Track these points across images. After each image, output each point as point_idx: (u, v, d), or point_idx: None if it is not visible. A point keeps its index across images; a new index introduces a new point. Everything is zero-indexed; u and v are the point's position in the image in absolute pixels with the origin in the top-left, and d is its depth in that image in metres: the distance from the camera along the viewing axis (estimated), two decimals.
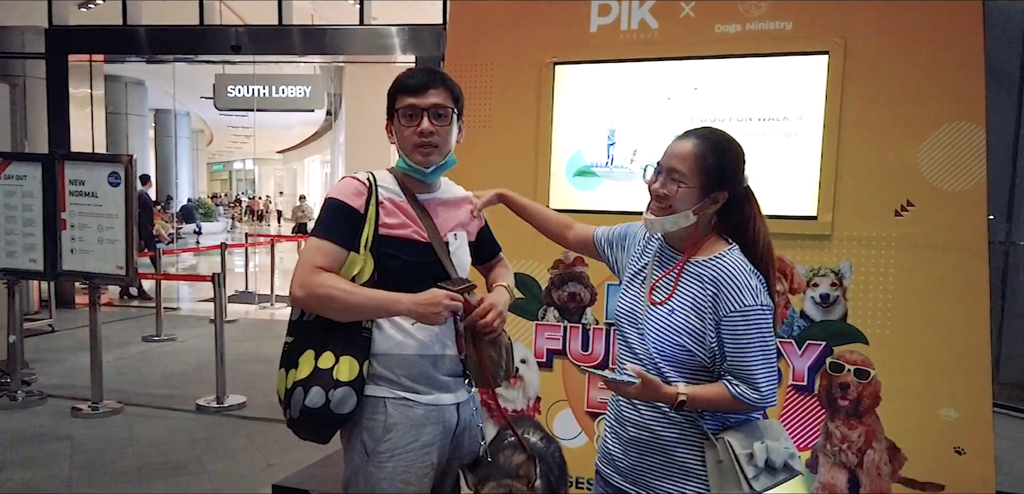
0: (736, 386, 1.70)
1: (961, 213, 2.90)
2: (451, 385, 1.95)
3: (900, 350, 2.97)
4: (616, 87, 3.37)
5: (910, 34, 2.97)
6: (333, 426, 1.86)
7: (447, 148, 1.95)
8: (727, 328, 1.71)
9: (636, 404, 1.80)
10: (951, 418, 2.92)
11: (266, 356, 6.80)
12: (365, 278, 1.86)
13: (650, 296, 1.80)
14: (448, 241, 1.97)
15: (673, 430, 1.78)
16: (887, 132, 2.99)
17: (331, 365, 1.82)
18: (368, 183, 1.93)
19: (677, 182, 1.75)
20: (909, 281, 2.96)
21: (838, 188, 3.03)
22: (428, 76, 1.93)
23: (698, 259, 1.79)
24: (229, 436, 4.59)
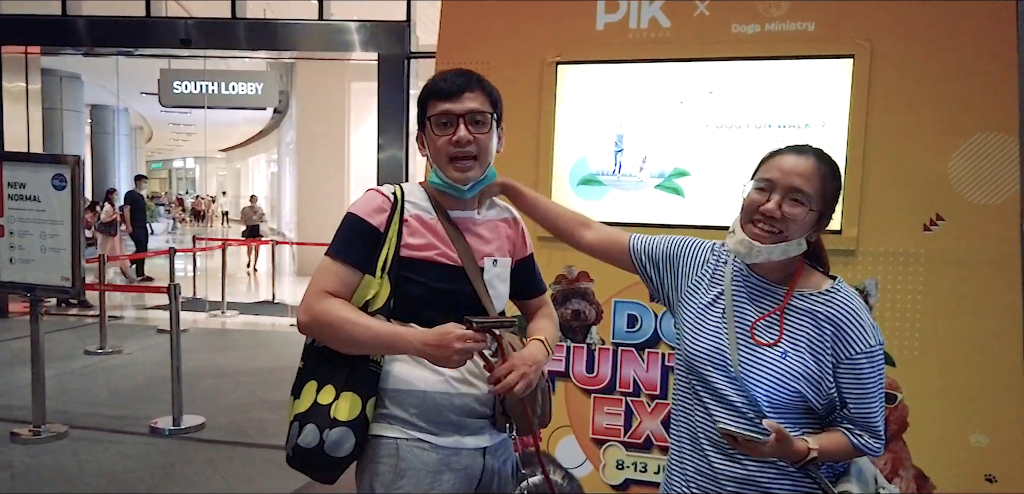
0: (859, 437, 1.53)
1: (993, 228, 2.77)
2: (476, 427, 1.71)
3: (928, 373, 2.81)
4: (624, 89, 3.15)
5: (940, 38, 2.83)
6: (333, 468, 1.64)
7: (487, 160, 1.71)
8: (850, 372, 1.52)
9: (736, 455, 1.55)
10: (982, 444, 2.77)
11: (222, 370, 6.40)
12: (379, 304, 1.66)
13: (753, 336, 1.56)
14: (484, 266, 1.73)
15: (785, 481, 1.55)
16: (915, 141, 2.84)
17: (330, 401, 1.63)
18: (393, 198, 1.72)
19: (799, 204, 1.52)
20: (938, 300, 2.81)
21: (863, 200, 2.87)
22: (463, 78, 1.71)
23: (803, 292, 1.57)
24: (189, 462, 4.21)
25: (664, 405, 3.05)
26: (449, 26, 3.42)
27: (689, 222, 2.95)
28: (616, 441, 3.10)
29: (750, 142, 2.99)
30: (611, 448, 3.10)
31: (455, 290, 1.68)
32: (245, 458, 4.30)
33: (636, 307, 3.08)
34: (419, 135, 1.77)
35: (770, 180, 1.55)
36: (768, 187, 1.54)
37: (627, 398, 3.08)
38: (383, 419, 1.67)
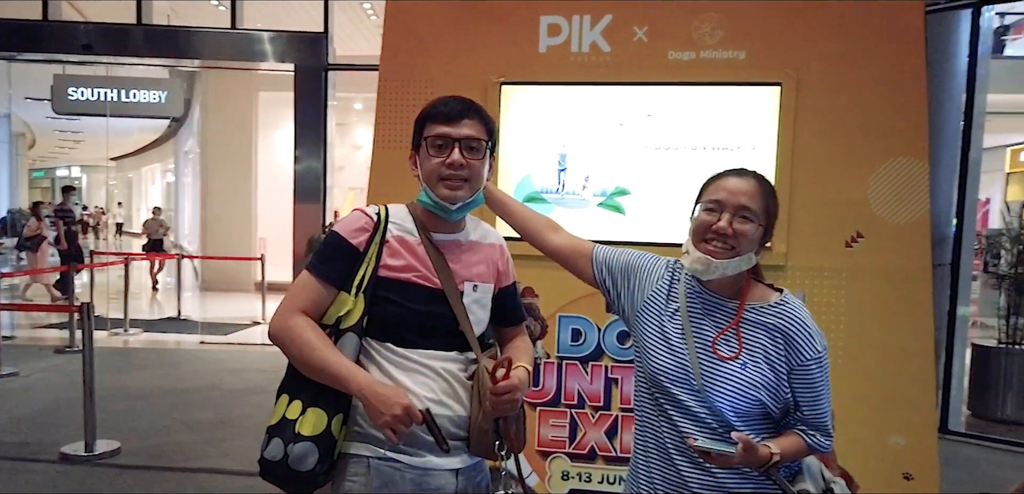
0: (812, 436, 1.65)
1: (907, 245, 3.01)
2: (450, 448, 1.69)
3: (852, 379, 3.02)
4: (567, 110, 3.24)
5: (858, 69, 3.05)
6: (299, 481, 1.65)
7: (477, 185, 1.75)
8: (802, 378, 1.64)
9: (705, 464, 1.64)
10: (900, 445, 3.00)
11: (132, 392, 6.10)
12: (353, 321, 1.67)
13: (715, 351, 1.65)
14: (463, 291, 1.75)
15: (749, 485, 1.65)
16: (838, 165, 3.05)
17: (296, 416, 1.64)
18: (376, 218, 1.74)
19: (749, 221, 1.63)
20: (859, 311, 3.03)
21: (792, 219, 3.05)
22: (462, 106, 1.74)
23: (754, 305, 1.68)
24: (107, 490, 4.00)
25: (608, 416, 3.14)
26: (392, 44, 3.43)
27: (630, 238, 3.04)
28: (561, 452, 3.18)
29: (687, 163, 3.13)
30: (557, 459, 3.18)
31: (433, 312, 1.70)
32: (169, 483, 4.12)
33: (580, 321, 3.17)
34: (412, 155, 1.79)
35: (718, 201, 1.65)
36: (717, 208, 1.64)
37: (572, 410, 3.17)
38: (356, 437, 1.68)
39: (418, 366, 1.68)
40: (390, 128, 3.41)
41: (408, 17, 3.44)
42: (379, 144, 3.42)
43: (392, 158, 3.37)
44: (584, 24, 3.26)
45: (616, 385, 3.12)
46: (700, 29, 3.18)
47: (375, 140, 3.43)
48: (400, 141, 3.39)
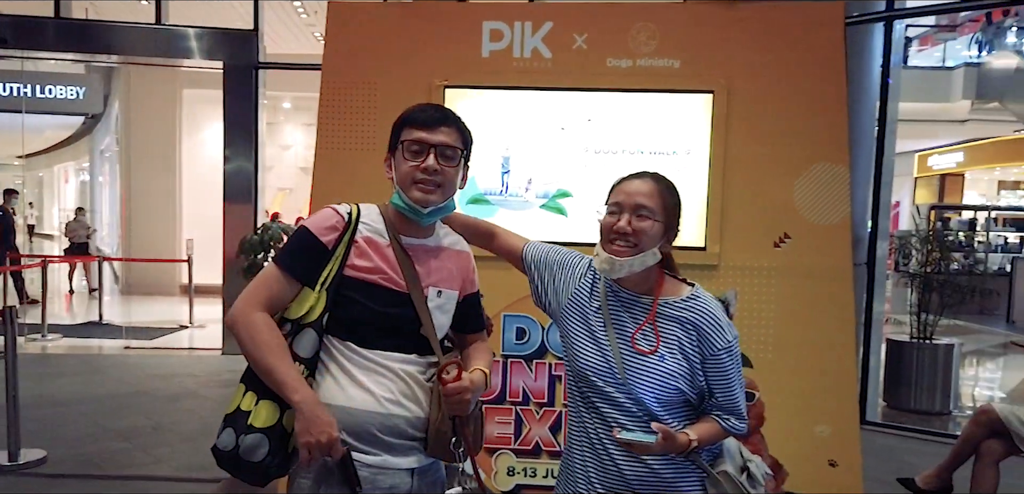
0: (726, 420, 1.77)
1: (830, 245, 3.19)
2: (404, 448, 1.74)
3: (780, 372, 3.19)
4: (510, 114, 3.32)
5: (784, 80, 3.23)
6: (252, 472, 1.67)
7: (450, 191, 1.79)
8: (715, 366, 1.76)
9: (635, 454, 1.75)
10: (825, 434, 3.18)
11: (54, 399, 5.88)
12: (314, 317, 1.70)
13: (635, 346, 1.76)
14: (428, 295, 1.79)
15: (670, 467, 1.77)
16: (766, 169, 3.21)
17: (250, 408, 1.67)
18: (347, 218, 1.76)
19: (646, 219, 1.74)
20: (787, 308, 3.20)
21: (724, 220, 3.20)
22: (440, 113, 1.80)
23: (667, 299, 1.79)
24: None
25: (552, 412, 3.23)
26: (335, 47, 3.43)
27: (572, 239, 3.11)
28: (507, 449, 3.25)
29: (626, 167, 3.18)
30: (502, 456, 3.24)
31: (397, 314, 1.73)
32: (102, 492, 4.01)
33: (524, 320, 3.24)
34: (388, 157, 1.82)
35: (618, 203, 1.77)
36: (618, 210, 1.76)
37: (516, 407, 3.24)
38: None
39: (378, 366, 1.71)
40: (333, 129, 3.41)
41: (351, 18, 3.45)
42: (322, 145, 3.42)
43: (335, 158, 3.38)
44: (526, 30, 3.34)
45: (560, 382, 3.21)
46: (636, 38, 3.30)
47: (318, 141, 3.43)
48: (343, 142, 3.40)
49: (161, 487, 4.11)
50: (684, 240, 3.18)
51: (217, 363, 7.35)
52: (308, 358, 1.69)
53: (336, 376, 1.71)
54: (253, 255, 7.33)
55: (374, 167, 3.19)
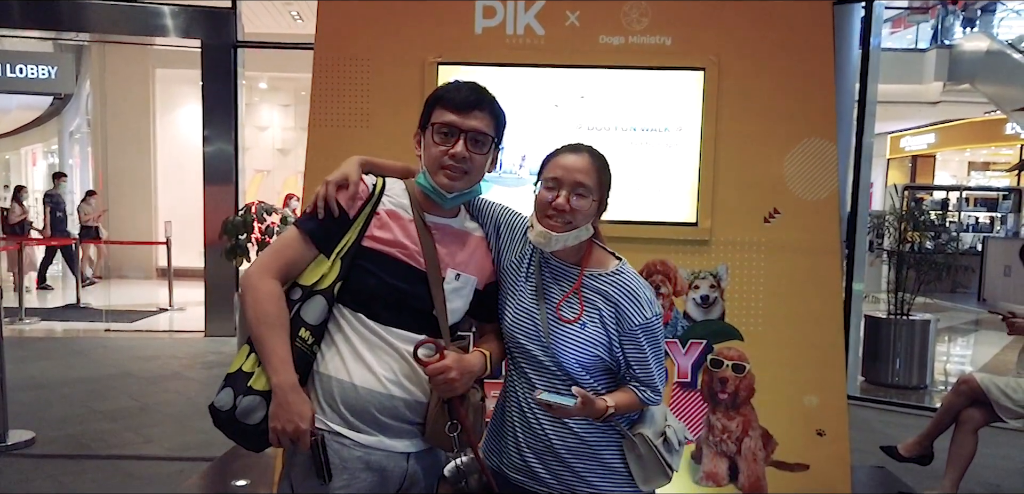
0: (643, 391, 1.82)
1: (819, 219, 3.25)
2: (401, 431, 1.71)
3: (770, 345, 3.25)
4: (503, 91, 3.26)
5: (773, 58, 3.27)
6: (247, 435, 1.67)
7: (477, 178, 1.78)
8: (631, 341, 1.80)
9: (560, 418, 1.80)
10: (814, 404, 3.26)
11: (37, 381, 5.82)
12: (326, 284, 1.68)
13: (559, 314, 1.80)
14: (445, 277, 1.76)
15: (592, 430, 1.82)
16: (756, 146, 3.26)
17: (251, 370, 1.66)
18: (371, 189, 1.75)
19: (583, 197, 1.77)
20: (776, 282, 3.26)
21: (715, 197, 3.25)
22: (475, 96, 1.75)
23: (593, 272, 1.83)
24: (28, 480, 3.83)
25: None
26: (327, 24, 3.41)
27: None
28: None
29: (619, 143, 3.28)
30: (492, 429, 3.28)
31: (410, 292, 1.71)
32: (94, 472, 3.99)
33: None
34: (417, 134, 1.80)
35: (556, 179, 1.78)
36: (555, 185, 1.77)
37: None
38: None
39: (383, 343, 1.69)
40: (326, 106, 3.40)
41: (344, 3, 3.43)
42: (315, 123, 3.40)
43: (329, 136, 3.37)
44: (519, 7, 3.35)
45: None
46: (628, 15, 3.32)
47: (311, 118, 3.42)
48: (336, 119, 3.39)
49: (153, 466, 4.10)
50: (675, 215, 3.28)
51: (200, 345, 7.31)
52: (315, 325, 1.67)
53: (340, 349, 1.69)
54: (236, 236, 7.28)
55: (368, 144, 3.22)
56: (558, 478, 1.81)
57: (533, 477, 1.83)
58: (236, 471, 3.70)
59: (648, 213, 3.28)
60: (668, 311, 3.28)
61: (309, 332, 1.66)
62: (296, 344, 1.66)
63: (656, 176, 3.28)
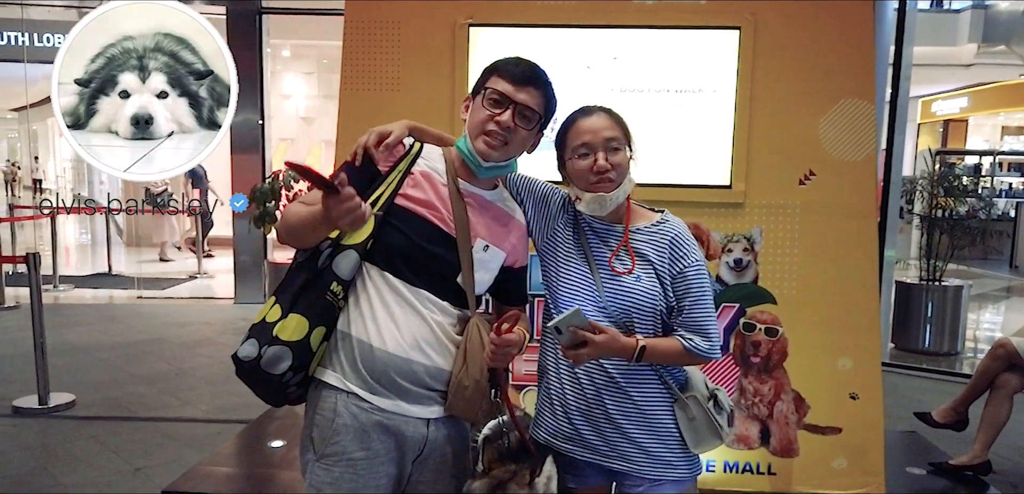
0: (689, 339, 1.79)
1: (855, 182, 3.20)
2: (420, 397, 1.70)
3: (804, 308, 3.23)
4: (535, 53, 3.24)
5: (811, 15, 3.20)
6: (270, 386, 1.66)
7: (516, 152, 1.78)
8: (683, 280, 1.81)
9: (609, 380, 1.81)
10: (847, 367, 3.24)
11: (74, 346, 5.95)
12: (358, 239, 1.67)
13: (612, 268, 1.81)
14: (474, 246, 1.76)
15: (642, 391, 1.83)
16: (793, 106, 3.21)
17: (276, 319, 1.65)
18: (408, 148, 1.77)
19: (618, 150, 1.79)
20: (811, 245, 3.22)
21: (751, 159, 3.21)
22: (531, 72, 1.78)
23: (637, 226, 1.86)
24: (71, 441, 3.93)
25: None
26: None
27: None
28: (533, 385, 3.29)
29: (652, 105, 3.25)
30: (529, 392, 3.30)
31: (438, 255, 1.71)
32: (133, 432, 4.08)
33: None
34: (468, 99, 1.80)
35: (586, 143, 1.79)
36: (588, 151, 1.79)
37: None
38: (331, 365, 1.69)
39: (408, 305, 1.68)
40: (357, 70, 3.39)
41: None
42: (346, 86, 3.41)
43: (360, 100, 3.37)
44: None
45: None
46: None
47: (342, 81, 3.42)
48: (367, 82, 3.39)
49: (190, 428, 4.19)
50: (708, 178, 3.24)
51: (230, 312, 7.41)
52: (346, 280, 1.67)
53: (364, 309, 1.68)
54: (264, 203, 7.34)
55: (399, 107, 3.23)
56: (610, 443, 1.81)
57: (585, 445, 1.83)
58: (272, 433, 3.76)
59: (681, 176, 3.25)
60: None
61: (340, 286, 1.67)
62: (326, 297, 1.66)
63: (689, 138, 3.25)
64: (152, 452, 3.79)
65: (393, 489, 1.72)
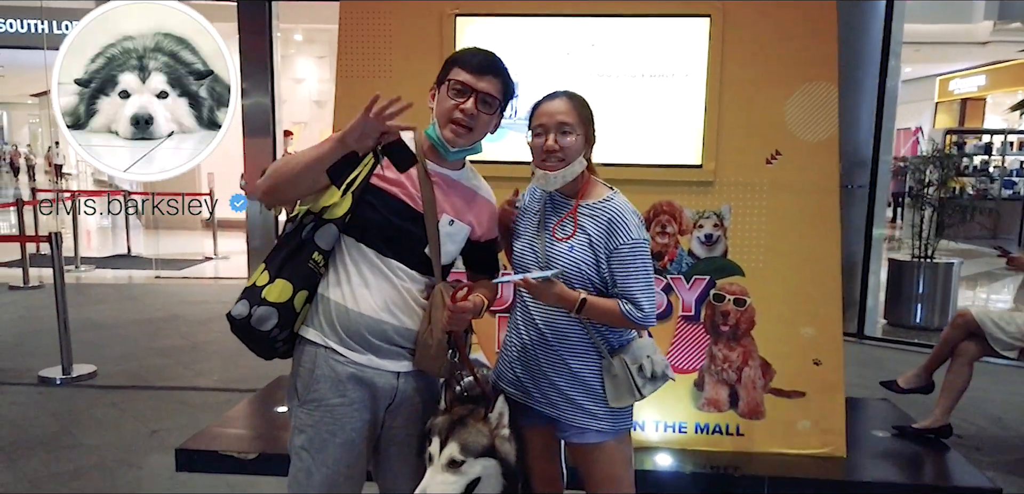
0: (625, 305, 2.00)
1: (818, 161, 3.40)
2: (390, 352, 1.91)
3: (770, 280, 3.44)
4: (517, 41, 3.51)
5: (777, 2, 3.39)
6: (261, 342, 1.88)
7: (478, 136, 1.96)
8: (617, 258, 2.00)
9: (546, 336, 2.03)
10: (810, 335, 3.44)
11: (95, 322, 6.25)
12: (337, 215, 1.88)
13: (554, 235, 2.03)
14: (440, 221, 1.94)
15: (575, 354, 2.05)
16: (759, 89, 3.40)
17: (264, 283, 1.86)
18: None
19: (568, 133, 1.98)
20: (777, 220, 3.43)
21: (720, 139, 3.41)
22: (488, 62, 1.94)
23: (587, 202, 2.05)
24: (94, 406, 4.22)
25: None
26: None
27: None
28: None
29: (627, 89, 3.45)
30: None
31: (407, 229, 1.89)
32: (150, 400, 4.36)
33: None
34: (433, 89, 1.99)
35: (542, 124, 2.00)
36: (542, 131, 1.99)
37: None
38: (312, 323, 1.91)
39: (381, 273, 1.89)
40: (352, 59, 3.62)
41: None
42: (342, 75, 3.63)
43: (355, 88, 3.59)
44: None
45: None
46: None
47: (338, 71, 3.64)
48: (361, 71, 3.61)
49: (203, 396, 4.46)
50: (680, 158, 3.45)
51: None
52: (327, 250, 1.89)
53: (342, 275, 1.89)
54: None
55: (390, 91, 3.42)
56: (543, 392, 2.06)
57: (525, 391, 2.09)
58: (277, 399, 4.02)
59: (655, 156, 3.46)
60: (673, 249, 3.47)
61: (321, 255, 1.89)
62: (309, 265, 1.88)
63: (663, 120, 3.45)
64: (167, 417, 4.07)
65: (368, 433, 1.95)
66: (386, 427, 1.99)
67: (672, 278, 3.47)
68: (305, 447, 1.91)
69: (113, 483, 3.31)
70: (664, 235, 3.49)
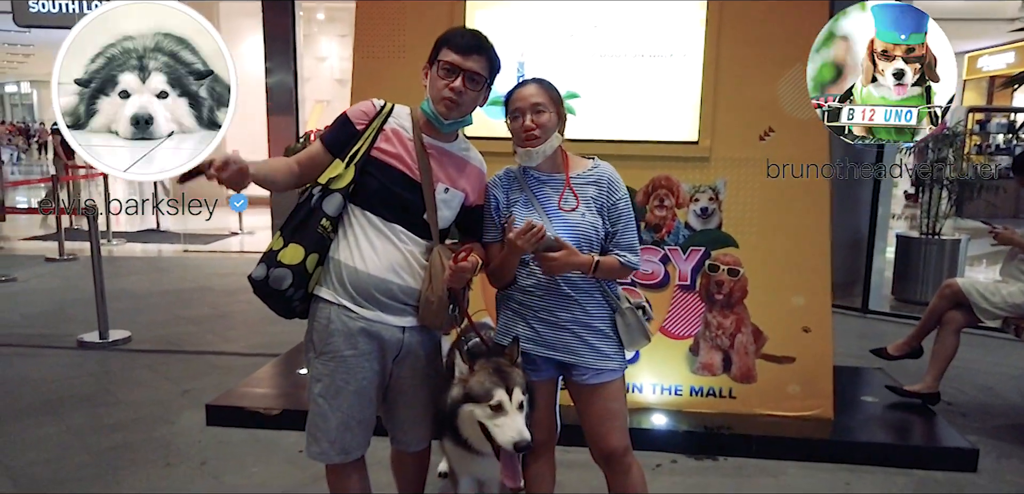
0: (623, 256, 2.24)
1: (809, 137, 3.56)
2: (396, 309, 2.12)
3: (762, 251, 3.62)
4: (525, 23, 3.71)
5: None
6: (278, 300, 2.09)
7: (467, 110, 2.14)
8: (615, 209, 2.25)
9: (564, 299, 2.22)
10: (800, 304, 3.63)
11: (128, 293, 6.57)
12: (342, 185, 2.10)
13: (560, 207, 2.22)
14: (436, 189, 2.13)
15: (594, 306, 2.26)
16: (753, 69, 3.58)
17: (279, 248, 2.07)
18: (379, 109, 2.17)
19: (542, 112, 2.18)
20: (770, 194, 3.60)
21: (715, 117, 3.59)
22: (475, 42, 2.10)
23: (579, 173, 2.28)
24: (130, 368, 4.51)
25: None
26: None
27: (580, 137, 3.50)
28: None
29: (628, 69, 3.64)
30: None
31: (407, 198, 2.10)
32: (183, 363, 4.65)
33: None
34: (426, 67, 2.18)
35: (518, 108, 2.18)
36: (519, 114, 2.18)
37: None
38: (325, 284, 2.12)
39: (385, 237, 2.09)
40: (369, 41, 3.84)
41: None
42: (359, 55, 3.85)
43: (372, 68, 3.81)
44: None
45: None
46: None
47: (355, 52, 3.86)
48: (378, 51, 3.83)
49: (231, 360, 4.74)
50: (678, 134, 3.63)
51: None
52: (334, 217, 2.10)
53: (350, 240, 2.11)
54: None
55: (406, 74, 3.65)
56: (563, 341, 2.25)
57: (544, 343, 2.27)
58: (299, 362, 4.28)
59: (654, 133, 3.65)
60: (671, 221, 3.66)
61: (329, 222, 2.10)
62: (318, 231, 2.09)
63: (662, 99, 3.63)
64: (198, 378, 4.35)
65: (378, 381, 2.18)
66: (393, 377, 2.21)
67: (669, 249, 3.67)
68: (322, 395, 2.14)
69: (150, 435, 3.60)
70: (662, 208, 3.68)
